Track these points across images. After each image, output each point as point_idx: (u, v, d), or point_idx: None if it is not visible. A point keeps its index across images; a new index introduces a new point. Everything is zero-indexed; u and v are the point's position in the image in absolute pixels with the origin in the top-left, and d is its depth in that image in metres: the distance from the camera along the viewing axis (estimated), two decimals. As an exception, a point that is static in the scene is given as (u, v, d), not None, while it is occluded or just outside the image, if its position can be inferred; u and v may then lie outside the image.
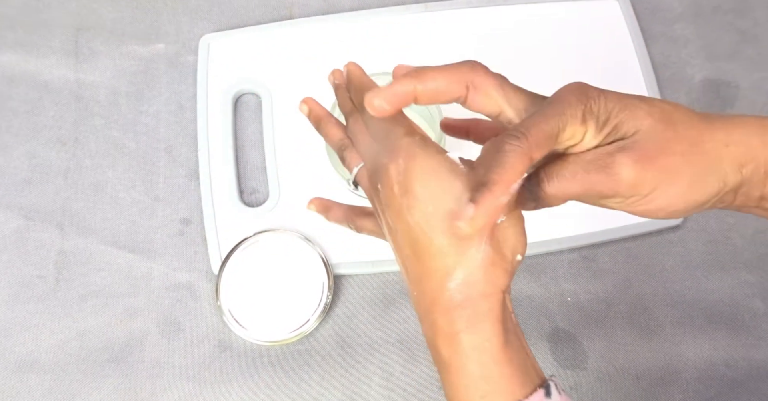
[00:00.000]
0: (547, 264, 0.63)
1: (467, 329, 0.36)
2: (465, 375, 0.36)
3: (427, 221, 0.36)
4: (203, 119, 0.66)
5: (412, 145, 0.38)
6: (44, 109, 0.68)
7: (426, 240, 0.36)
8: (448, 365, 0.36)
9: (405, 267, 0.38)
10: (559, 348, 0.60)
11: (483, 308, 0.36)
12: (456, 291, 0.36)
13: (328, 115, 0.47)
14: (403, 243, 0.38)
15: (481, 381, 0.35)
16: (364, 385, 0.59)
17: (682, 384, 0.59)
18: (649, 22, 0.70)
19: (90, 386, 0.60)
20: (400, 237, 0.38)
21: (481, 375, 0.35)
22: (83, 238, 0.64)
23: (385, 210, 0.39)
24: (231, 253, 0.61)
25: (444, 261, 0.36)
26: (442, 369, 0.37)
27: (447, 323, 0.36)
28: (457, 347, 0.36)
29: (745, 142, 0.36)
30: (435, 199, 0.36)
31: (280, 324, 0.59)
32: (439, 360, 0.37)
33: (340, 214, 0.48)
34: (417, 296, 0.38)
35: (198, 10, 0.71)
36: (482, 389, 0.35)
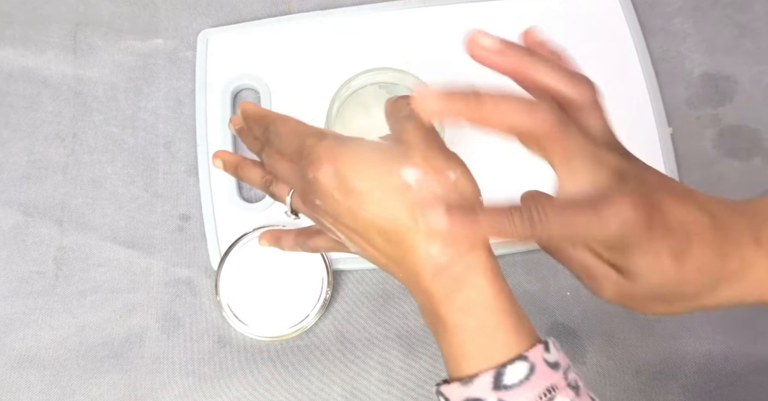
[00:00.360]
0: (547, 259, 0.62)
1: (460, 286, 0.36)
2: (462, 331, 0.36)
3: (384, 208, 0.36)
4: (202, 115, 0.66)
5: (327, 147, 0.37)
6: (43, 105, 0.68)
7: (392, 224, 0.36)
8: (445, 325, 0.36)
9: (384, 256, 0.38)
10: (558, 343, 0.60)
11: (470, 262, 0.36)
12: (439, 255, 0.36)
13: (243, 159, 0.47)
14: (373, 237, 0.38)
15: (478, 334, 0.36)
16: (363, 380, 0.59)
17: (681, 378, 0.60)
18: (648, 16, 0.70)
19: (89, 381, 0.60)
20: (366, 234, 0.38)
21: (477, 327, 0.36)
22: (82, 234, 0.64)
23: (336, 220, 0.39)
24: (230, 249, 0.61)
25: (417, 234, 0.36)
26: (440, 330, 0.37)
27: (440, 286, 0.36)
28: (453, 304, 0.36)
29: None
30: (378, 184, 0.36)
31: (280, 320, 0.60)
32: (437, 322, 0.37)
33: (290, 241, 0.48)
34: (405, 276, 0.38)
35: (196, 6, 0.71)
36: (479, 341, 0.36)
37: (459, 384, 0.35)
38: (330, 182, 0.37)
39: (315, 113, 0.64)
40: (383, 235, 0.37)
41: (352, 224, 0.38)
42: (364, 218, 0.37)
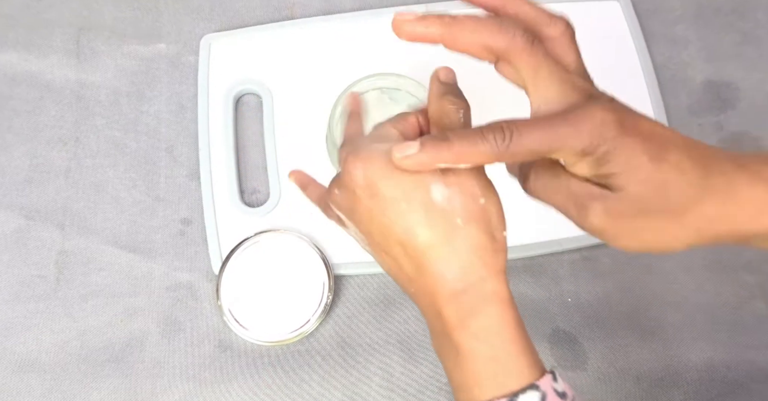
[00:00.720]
0: (548, 264, 0.63)
1: (475, 313, 0.36)
2: (475, 358, 0.36)
3: (406, 219, 0.36)
4: (204, 119, 0.66)
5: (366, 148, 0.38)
6: (45, 109, 0.68)
7: (411, 238, 0.36)
8: (458, 351, 0.36)
9: (398, 267, 0.38)
10: (559, 349, 0.60)
11: (486, 291, 0.36)
12: (455, 280, 0.36)
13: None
14: (390, 245, 0.37)
15: (492, 362, 0.36)
16: (364, 386, 0.59)
17: (682, 385, 0.59)
18: (650, 22, 0.70)
19: (90, 386, 0.60)
20: (382, 239, 0.38)
21: (491, 356, 0.36)
22: (84, 238, 0.64)
23: (351, 215, 0.39)
24: (231, 253, 0.61)
25: (437, 253, 0.36)
26: (451, 357, 0.37)
27: (453, 311, 0.36)
28: (467, 331, 0.36)
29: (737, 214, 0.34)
30: (404, 194, 0.36)
31: (281, 325, 0.59)
32: (449, 348, 0.37)
33: (315, 194, 0.48)
34: (416, 292, 0.38)
35: (199, 11, 0.71)
36: (492, 369, 0.36)
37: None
38: (357, 178, 0.37)
39: (317, 118, 0.64)
40: (402, 246, 0.37)
41: (366, 224, 0.38)
42: (383, 224, 0.37)
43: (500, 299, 0.36)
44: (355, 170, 0.37)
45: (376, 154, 0.37)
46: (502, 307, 0.36)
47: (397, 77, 0.61)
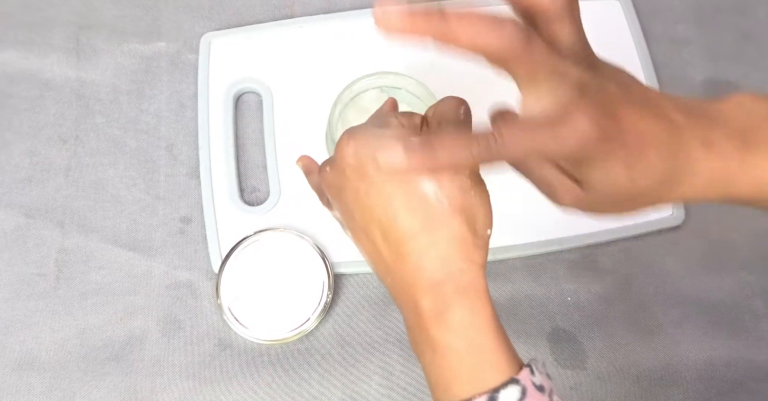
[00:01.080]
0: (548, 264, 0.63)
1: (453, 305, 0.36)
2: (452, 352, 0.35)
3: (389, 204, 0.36)
4: (204, 118, 0.66)
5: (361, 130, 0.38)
6: (45, 107, 0.68)
7: (392, 223, 0.36)
8: (434, 345, 0.36)
9: (377, 253, 0.38)
10: (559, 348, 0.60)
11: (464, 283, 0.36)
12: (434, 270, 0.36)
13: None
14: (371, 229, 0.37)
15: (469, 357, 0.35)
16: (364, 384, 0.59)
17: (682, 384, 0.59)
18: (651, 22, 0.70)
19: (90, 384, 0.60)
20: (364, 222, 0.38)
21: (468, 350, 0.35)
22: (84, 236, 0.64)
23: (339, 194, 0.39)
24: (231, 252, 0.61)
25: (417, 242, 0.36)
26: (427, 351, 0.36)
27: (431, 302, 0.36)
28: (444, 324, 0.36)
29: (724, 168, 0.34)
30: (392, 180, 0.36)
31: (280, 323, 0.59)
32: (425, 344, 0.36)
33: (315, 181, 0.47)
34: (393, 282, 0.38)
35: (199, 9, 0.71)
36: (470, 364, 0.35)
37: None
38: (347, 158, 0.37)
39: (317, 116, 0.64)
40: (382, 231, 0.37)
41: (351, 205, 0.38)
42: (366, 206, 0.37)
43: (477, 291, 0.36)
44: (347, 149, 0.37)
45: (370, 136, 0.37)
46: (478, 299, 0.36)
47: (396, 76, 0.61)
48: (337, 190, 0.39)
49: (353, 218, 0.38)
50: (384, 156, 0.35)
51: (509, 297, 0.62)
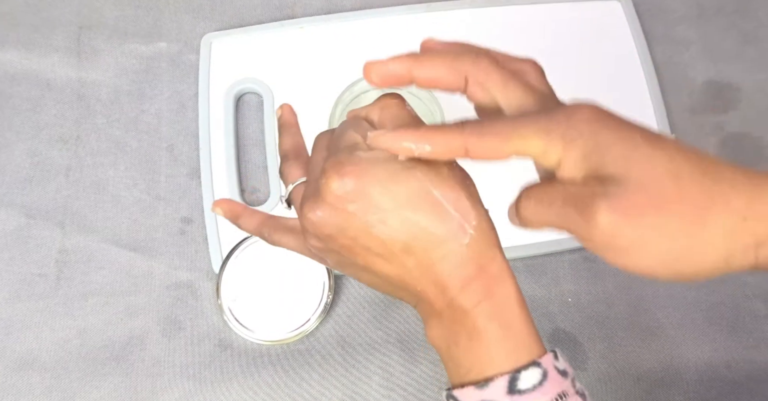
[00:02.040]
0: (548, 265, 0.63)
1: (489, 295, 0.36)
2: (490, 338, 0.36)
3: (413, 222, 0.36)
4: (205, 118, 0.66)
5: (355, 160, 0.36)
6: (46, 108, 0.68)
7: (420, 236, 0.36)
8: (471, 333, 0.36)
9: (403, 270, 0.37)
10: (559, 349, 0.60)
11: (495, 271, 0.36)
12: (468, 267, 0.36)
13: (244, 209, 0.47)
14: (391, 253, 0.37)
15: (506, 341, 0.36)
16: (364, 385, 0.59)
17: (682, 385, 0.59)
18: (652, 23, 0.70)
19: (90, 384, 0.60)
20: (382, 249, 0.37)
21: (505, 335, 0.36)
22: (84, 237, 0.64)
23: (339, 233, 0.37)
24: (232, 252, 0.61)
25: (446, 245, 0.36)
26: (462, 341, 0.36)
27: (468, 297, 0.36)
28: (481, 314, 0.36)
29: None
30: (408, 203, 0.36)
31: (281, 324, 0.59)
32: (459, 331, 0.37)
33: (253, 224, 0.45)
34: (425, 290, 0.37)
35: (200, 9, 0.71)
36: (507, 347, 0.36)
37: (474, 388, 0.35)
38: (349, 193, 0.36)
39: (317, 117, 0.64)
40: (407, 250, 0.36)
41: (363, 239, 0.37)
42: (384, 233, 0.36)
43: (507, 277, 0.37)
44: (346, 185, 0.35)
45: (365, 164, 0.36)
46: (510, 286, 0.37)
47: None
48: (337, 228, 0.37)
49: (368, 249, 0.37)
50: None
51: (510, 298, 0.62)
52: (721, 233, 0.30)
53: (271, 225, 0.45)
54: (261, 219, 0.45)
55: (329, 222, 0.37)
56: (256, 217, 0.46)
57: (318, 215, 0.37)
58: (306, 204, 0.37)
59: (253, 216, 0.46)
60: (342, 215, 0.36)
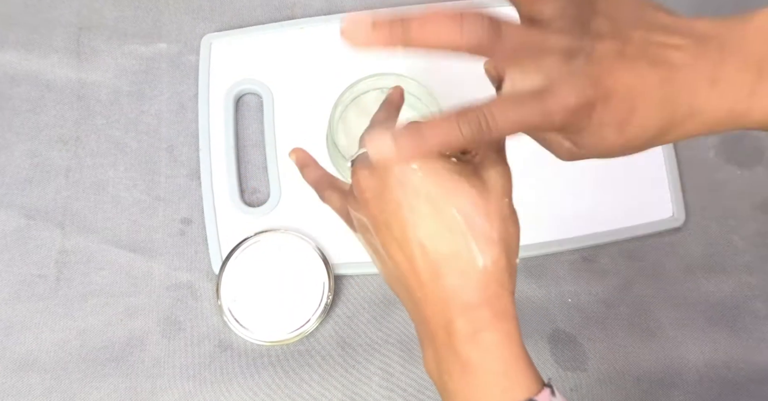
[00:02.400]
0: (548, 265, 0.63)
1: (488, 327, 0.36)
2: (486, 372, 0.36)
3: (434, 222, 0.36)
4: (204, 119, 0.66)
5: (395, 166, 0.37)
6: (46, 108, 0.68)
7: (437, 242, 0.36)
8: (466, 364, 0.36)
9: (411, 268, 0.37)
10: (559, 350, 0.60)
11: (500, 307, 0.37)
12: (472, 293, 0.36)
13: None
14: (409, 242, 0.37)
15: (502, 377, 0.36)
16: (364, 386, 0.59)
17: (682, 386, 0.59)
18: (651, 23, 0.70)
19: (90, 385, 0.60)
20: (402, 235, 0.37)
21: (502, 371, 0.36)
22: (84, 237, 0.64)
23: (375, 200, 0.38)
24: (232, 253, 0.61)
25: (458, 265, 0.36)
26: (455, 372, 0.37)
27: (466, 323, 0.36)
28: (478, 345, 0.36)
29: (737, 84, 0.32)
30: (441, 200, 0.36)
31: (281, 324, 0.59)
32: (454, 363, 0.37)
33: (313, 176, 0.47)
34: (425, 298, 0.37)
35: (200, 10, 0.71)
36: (503, 384, 0.36)
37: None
38: (392, 169, 0.37)
39: (317, 118, 0.64)
40: (422, 248, 0.37)
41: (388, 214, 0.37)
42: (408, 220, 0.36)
43: (510, 316, 0.37)
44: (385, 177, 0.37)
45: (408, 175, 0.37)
46: (511, 324, 0.37)
47: (397, 77, 0.61)
48: (373, 195, 0.38)
49: (389, 228, 0.37)
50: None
51: (510, 299, 0.62)
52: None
53: (326, 180, 0.45)
54: (321, 174, 0.47)
55: (371, 186, 0.38)
56: (318, 172, 0.47)
57: (365, 175, 0.38)
58: (360, 164, 0.39)
59: (317, 170, 0.47)
60: (382, 183, 0.37)
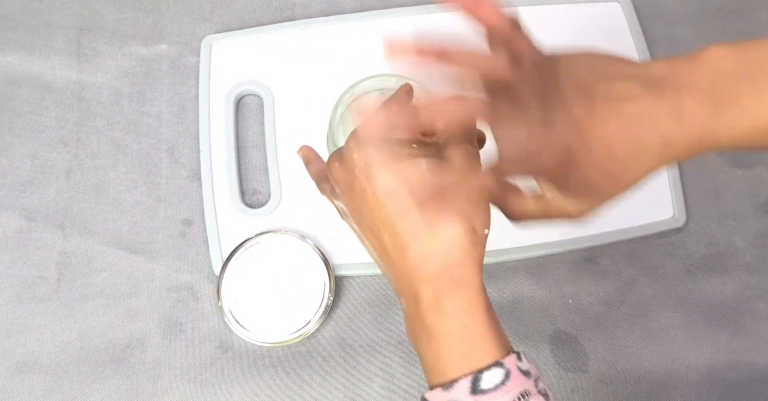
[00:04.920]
0: (549, 265, 0.63)
1: (450, 294, 0.38)
2: (448, 338, 0.38)
3: (395, 204, 0.39)
4: (205, 120, 0.66)
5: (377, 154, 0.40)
6: (46, 110, 0.68)
7: (399, 221, 0.39)
8: (431, 331, 0.38)
9: (382, 248, 0.41)
10: (560, 350, 0.60)
11: (460, 274, 0.39)
12: (434, 263, 0.39)
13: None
14: (377, 225, 0.40)
15: (464, 342, 0.38)
16: (365, 386, 0.59)
17: (683, 387, 0.59)
18: (651, 23, 0.70)
19: (91, 386, 0.60)
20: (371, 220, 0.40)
21: (463, 336, 0.38)
22: (85, 239, 0.64)
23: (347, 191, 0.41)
24: (232, 254, 0.61)
25: (420, 239, 0.39)
26: (424, 339, 0.39)
27: (429, 292, 0.38)
28: (440, 312, 0.38)
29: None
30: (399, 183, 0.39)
31: (282, 326, 0.59)
32: (422, 330, 0.39)
33: (314, 170, 0.49)
34: (396, 273, 0.40)
35: (200, 12, 0.71)
36: (464, 349, 0.38)
37: (441, 390, 0.37)
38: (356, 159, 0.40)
39: (318, 119, 0.64)
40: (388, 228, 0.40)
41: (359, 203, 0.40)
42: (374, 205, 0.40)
43: (471, 282, 0.39)
44: (356, 151, 0.40)
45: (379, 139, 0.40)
46: (473, 290, 0.38)
47: (397, 78, 0.61)
48: (345, 186, 0.41)
49: (360, 214, 0.41)
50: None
51: (510, 299, 0.62)
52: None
53: (324, 174, 0.48)
54: (322, 168, 0.49)
55: (342, 177, 0.41)
56: (320, 166, 0.49)
57: (336, 167, 0.42)
58: (332, 157, 0.43)
59: (319, 165, 0.50)
60: (350, 175, 0.41)
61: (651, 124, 0.35)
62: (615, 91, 0.36)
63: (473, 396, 0.36)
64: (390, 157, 0.39)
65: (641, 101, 0.35)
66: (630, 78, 0.36)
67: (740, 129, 0.35)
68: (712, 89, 0.35)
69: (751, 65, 0.35)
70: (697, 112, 0.35)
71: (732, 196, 0.65)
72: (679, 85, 0.35)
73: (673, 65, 0.36)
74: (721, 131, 0.35)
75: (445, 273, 0.38)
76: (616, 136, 0.36)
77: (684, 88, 0.35)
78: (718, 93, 0.35)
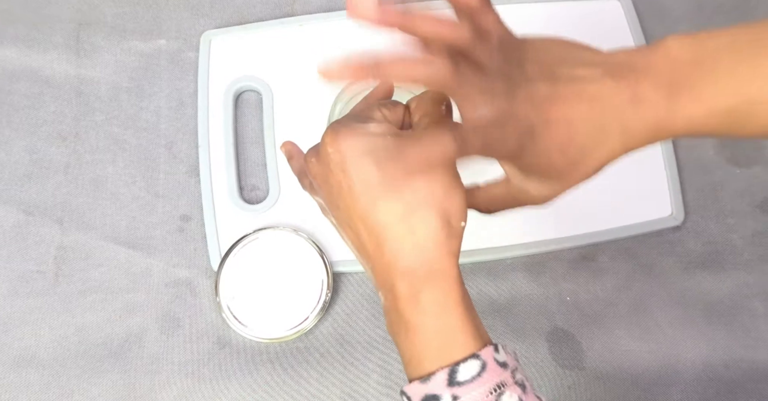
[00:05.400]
0: (547, 263, 0.63)
1: (426, 288, 0.38)
2: (424, 331, 0.38)
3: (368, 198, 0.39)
4: (204, 115, 0.66)
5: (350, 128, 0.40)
6: (45, 104, 0.68)
7: (373, 215, 0.39)
8: (408, 325, 0.39)
9: (359, 241, 0.41)
10: (557, 348, 0.60)
11: (438, 268, 0.39)
12: (410, 257, 0.39)
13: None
14: (353, 219, 0.40)
15: (441, 335, 0.38)
16: (362, 382, 0.59)
17: (680, 384, 0.60)
18: (651, 22, 0.70)
19: (88, 381, 0.60)
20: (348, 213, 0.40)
21: (438, 328, 0.38)
22: (83, 234, 0.64)
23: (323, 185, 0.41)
24: (230, 250, 0.61)
25: (395, 232, 0.39)
26: (402, 332, 0.39)
27: (405, 286, 0.39)
28: (417, 305, 0.38)
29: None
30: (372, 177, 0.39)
31: (280, 322, 0.60)
32: (399, 324, 0.39)
33: (296, 166, 0.49)
34: (374, 267, 0.40)
35: (199, 7, 0.71)
36: (439, 341, 0.38)
37: (418, 382, 0.37)
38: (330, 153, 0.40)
39: (317, 115, 0.64)
40: (363, 223, 0.40)
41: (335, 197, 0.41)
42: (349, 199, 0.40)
43: (447, 275, 0.39)
44: (331, 145, 0.40)
45: (353, 133, 0.40)
46: (449, 284, 0.39)
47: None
48: (322, 180, 0.41)
49: (337, 208, 0.41)
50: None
51: (508, 297, 0.62)
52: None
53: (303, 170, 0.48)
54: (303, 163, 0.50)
55: (319, 172, 0.41)
56: (301, 162, 0.50)
57: (312, 162, 0.42)
58: (309, 152, 0.43)
59: (300, 161, 0.50)
60: (325, 169, 0.41)
61: (610, 107, 0.36)
62: (578, 74, 0.37)
63: (450, 388, 0.36)
64: (364, 151, 0.39)
65: (601, 84, 0.36)
66: (594, 64, 0.37)
67: (696, 116, 0.36)
68: (669, 77, 0.36)
69: (708, 55, 0.36)
70: (655, 99, 0.36)
71: (730, 195, 0.65)
72: (638, 72, 0.36)
73: (634, 54, 0.38)
74: (678, 118, 0.36)
75: (422, 267, 0.39)
76: (577, 118, 0.36)
77: (642, 74, 0.36)
78: (675, 81, 0.36)
